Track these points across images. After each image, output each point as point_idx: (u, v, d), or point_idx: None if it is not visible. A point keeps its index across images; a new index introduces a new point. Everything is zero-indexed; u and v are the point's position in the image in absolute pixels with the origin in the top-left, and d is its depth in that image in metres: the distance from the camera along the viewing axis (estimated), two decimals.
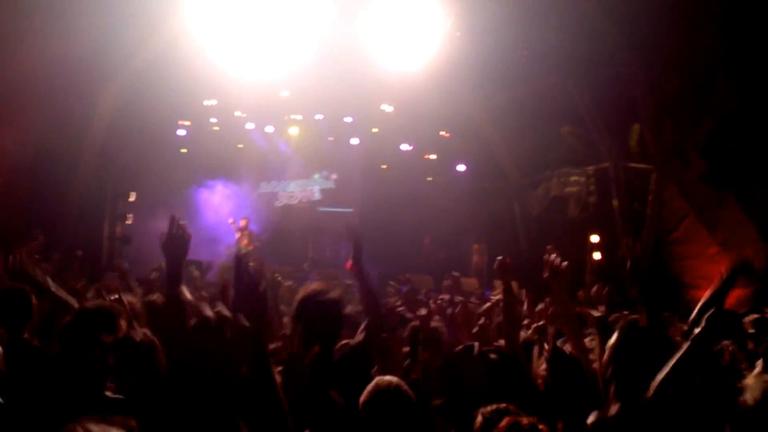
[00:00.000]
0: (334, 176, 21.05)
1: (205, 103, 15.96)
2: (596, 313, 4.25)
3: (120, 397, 2.72)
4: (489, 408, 2.88)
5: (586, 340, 5.10)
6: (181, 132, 17.27)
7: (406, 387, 2.98)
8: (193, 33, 12.38)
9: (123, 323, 2.87)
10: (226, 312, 2.85)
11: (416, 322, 5.18)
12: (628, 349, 3.04)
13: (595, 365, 3.59)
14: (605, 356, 3.11)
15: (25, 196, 13.83)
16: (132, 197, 16.06)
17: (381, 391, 2.93)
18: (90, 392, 2.66)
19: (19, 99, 12.60)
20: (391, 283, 11.03)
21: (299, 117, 17.31)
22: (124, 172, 15.91)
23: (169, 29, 12.99)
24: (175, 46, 13.20)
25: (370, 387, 2.98)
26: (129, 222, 16.04)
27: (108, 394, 2.72)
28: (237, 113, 17.02)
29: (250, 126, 17.88)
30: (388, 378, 3.03)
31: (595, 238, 15.81)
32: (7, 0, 11.81)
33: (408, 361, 4.65)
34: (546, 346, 4.09)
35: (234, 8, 12.34)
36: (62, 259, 9.35)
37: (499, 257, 4.14)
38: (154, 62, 13.89)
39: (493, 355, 3.87)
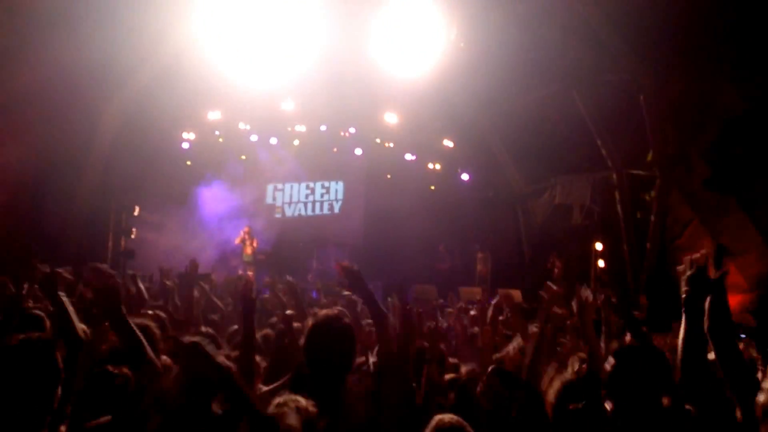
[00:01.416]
0: (337, 186, 21.07)
1: (210, 115, 15.97)
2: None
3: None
4: None
5: None
6: (185, 145, 17.28)
7: (468, 426, 2.96)
8: (198, 44, 12.41)
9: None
10: None
11: (422, 342, 5.06)
12: (624, 374, 3.04)
13: None
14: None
15: (29, 210, 13.83)
16: (136, 211, 16.03)
17: (444, 429, 2.91)
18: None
19: (23, 113, 12.62)
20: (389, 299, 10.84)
21: (303, 128, 17.32)
22: (128, 186, 15.89)
23: (173, 42, 13.03)
24: (179, 59, 13.24)
25: (432, 425, 2.94)
26: (133, 236, 16.01)
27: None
28: (241, 125, 17.04)
29: (254, 138, 17.90)
30: (449, 417, 2.99)
31: (599, 246, 15.82)
32: (11, 14, 11.87)
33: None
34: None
35: (238, 19, 12.38)
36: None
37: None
38: (158, 75, 13.92)
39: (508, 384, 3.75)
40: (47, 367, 2.59)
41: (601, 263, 15.79)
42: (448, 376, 4.78)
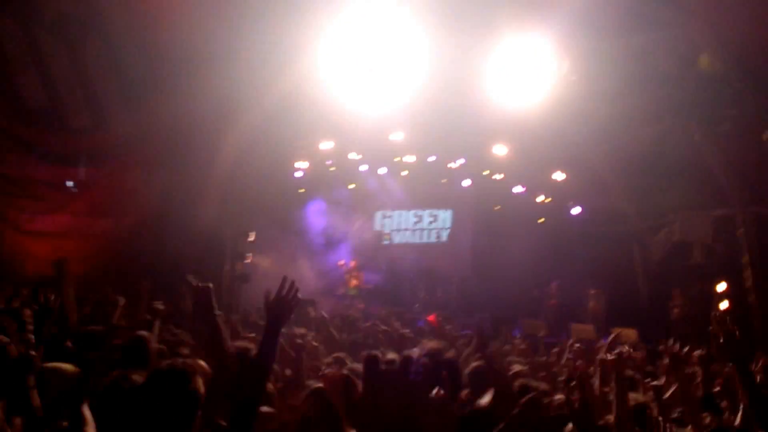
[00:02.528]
0: (445, 214, 21.06)
1: (322, 145, 16.39)
2: None
3: None
4: None
5: None
6: (298, 174, 17.80)
7: None
8: (313, 76, 12.78)
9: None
10: None
11: (480, 363, 4.91)
12: None
13: None
14: None
15: (153, 235, 14.64)
16: (251, 237, 16.60)
17: None
18: None
19: (151, 147, 13.46)
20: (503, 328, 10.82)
21: (413, 158, 17.45)
22: (243, 213, 16.51)
23: (289, 76, 13.47)
24: (295, 91, 13.68)
25: None
26: (248, 261, 16.57)
27: None
28: (352, 155, 17.38)
29: (363, 167, 18.20)
30: None
31: (721, 287, 14.95)
32: (142, 52, 12.74)
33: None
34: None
35: (352, 50, 12.66)
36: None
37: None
38: (275, 108, 14.43)
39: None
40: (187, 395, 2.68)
41: (723, 305, 14.90)
42: None
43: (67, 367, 3.69)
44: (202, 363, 3.58)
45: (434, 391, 3.26)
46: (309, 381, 4.64)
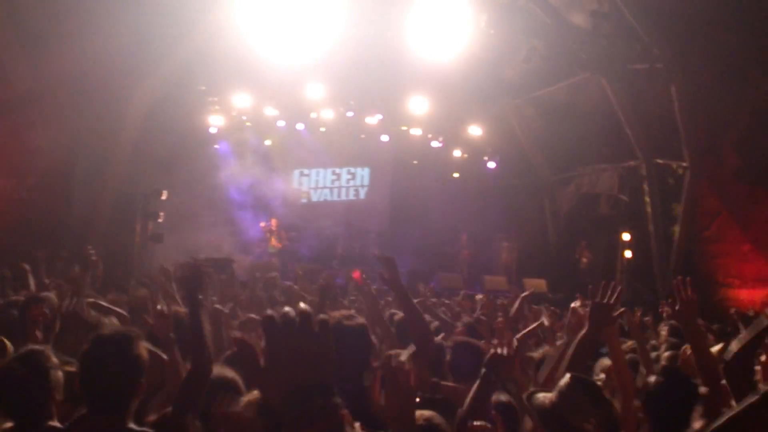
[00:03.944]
0: (363, 172, 21.11)
1: (237, 100, 16.03)
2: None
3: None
4: None
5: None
6: (213, 130, 17.37)
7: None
8: (227, 29, 12.47)
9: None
10: None
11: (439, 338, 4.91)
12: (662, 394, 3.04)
13: None
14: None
15: (59, 194, 14.02)
16: (164, 196, 16.14)
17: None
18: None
19: (55, 98, 12.80)
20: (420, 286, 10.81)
21: (330, 114, 17.32)
22: (156, 171, 16.01)
23: (202, 28, 13.10)
24: (208, 45, 13.31)
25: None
26: (161, 220, 16.14)
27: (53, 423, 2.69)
28: (268, 110, 17.08)
29: (281, 123, 17.94)
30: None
31: (626, 236, 15.69)
32: (43, 2, 12.01)
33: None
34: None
35: (266, 2, 12.39)
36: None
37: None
38: (186, 61, 14.00)
39: None
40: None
41: (628, 254, 15.67)
42: None
43: None
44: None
45: None
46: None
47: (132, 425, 2.60)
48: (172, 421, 2.77)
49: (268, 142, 18.73)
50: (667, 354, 4.99)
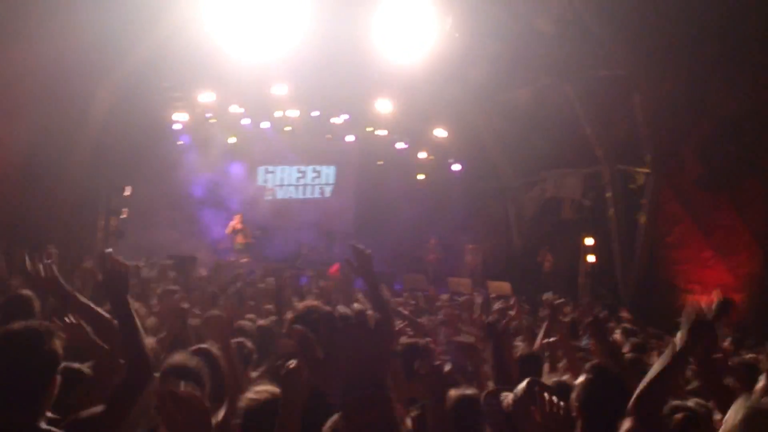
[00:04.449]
0: (329, 170, 21.06)
1: (202, 97, 15.87)
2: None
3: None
4: None
5: None
6: (177, 126, 17.19)
7: None
8: (193, 25, 12.31)
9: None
10: None
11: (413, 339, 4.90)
12: (596, 392, 3.04)
13: None
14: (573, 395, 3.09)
15: (19, 189, 13.75)
16: (127, 191, 15.94)
17: None
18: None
19: (15, 92, 12.53)
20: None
21: (296, 113, 17.23)
22: (118, 166, 15.80)
23: (167, 23, 12.93)
24: (173, 40, 13.14)
25: None
26: (124, 216, 15.94)
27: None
28: (233, 108, 16.94)
29: (246, 121, 17.81)
30: None
31: (589, 241, 15.81)
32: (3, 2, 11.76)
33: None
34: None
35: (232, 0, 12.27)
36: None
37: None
38: (151, 56, 13.82)
39: None
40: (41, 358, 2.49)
41: (591, 258, 15.79)
42: None
43: None
44: None
45: None
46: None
47: (43, 425, 2.47)
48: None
49: (232, 140, 18.57)
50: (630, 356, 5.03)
